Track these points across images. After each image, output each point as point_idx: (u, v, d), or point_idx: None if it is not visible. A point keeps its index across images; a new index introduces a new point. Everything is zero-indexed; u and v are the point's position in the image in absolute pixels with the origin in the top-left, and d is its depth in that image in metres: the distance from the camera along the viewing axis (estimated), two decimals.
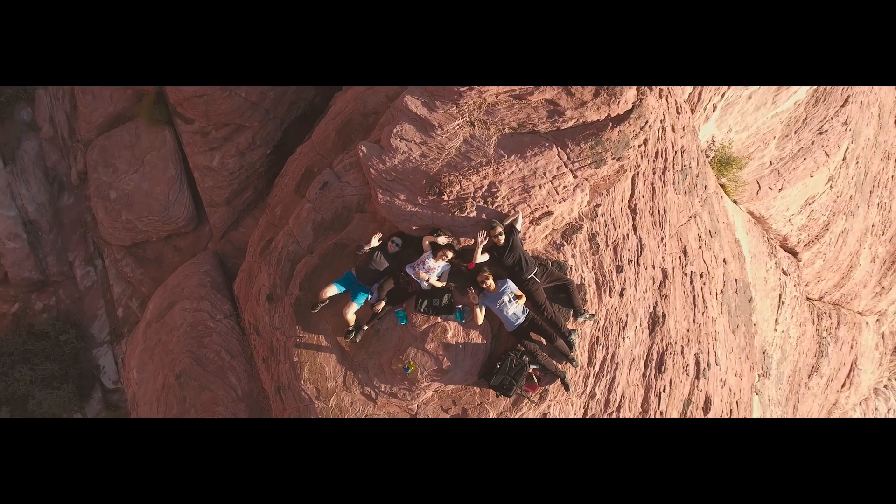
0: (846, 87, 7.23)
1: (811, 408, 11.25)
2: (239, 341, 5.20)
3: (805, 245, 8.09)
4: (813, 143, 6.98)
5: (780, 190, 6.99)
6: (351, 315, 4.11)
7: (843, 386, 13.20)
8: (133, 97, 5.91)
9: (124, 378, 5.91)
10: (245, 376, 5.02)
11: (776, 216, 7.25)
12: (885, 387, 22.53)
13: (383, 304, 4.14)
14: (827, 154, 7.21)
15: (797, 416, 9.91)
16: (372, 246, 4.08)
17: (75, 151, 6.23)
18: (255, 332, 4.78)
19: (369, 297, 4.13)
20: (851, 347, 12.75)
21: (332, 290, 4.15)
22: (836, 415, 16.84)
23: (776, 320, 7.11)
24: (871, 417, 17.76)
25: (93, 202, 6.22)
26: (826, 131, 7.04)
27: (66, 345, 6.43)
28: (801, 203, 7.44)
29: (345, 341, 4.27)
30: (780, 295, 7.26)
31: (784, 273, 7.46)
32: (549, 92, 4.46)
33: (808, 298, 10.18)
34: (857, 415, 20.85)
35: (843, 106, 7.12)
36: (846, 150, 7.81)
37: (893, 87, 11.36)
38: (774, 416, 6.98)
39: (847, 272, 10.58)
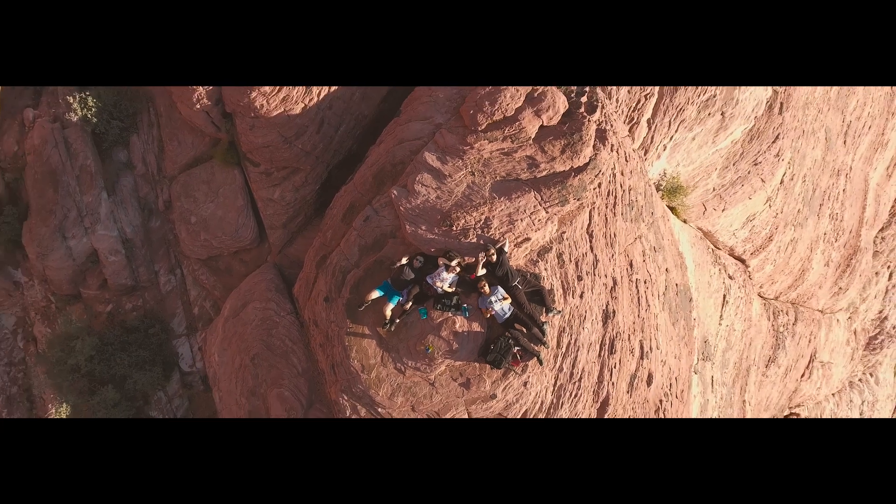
0: (778, 126, 8.79)
1: (770, 394, 12.90)
2: (298, 332, 6.88)
3: (751, 254, 9.69)
4: (749, 172, 8.58)
5: (723, 210, 8.60)
6: (388, 311, 5.77)
7: (802, 376, 14.82)
8: (210, 143, 7.60)
9: (206, 360, 7.60)
10: (304, 358, 6.69)
11: (721, 231, 8.87)
12: (860, 380, 24.29)
13: (410, 304, 5.80)
14: (763, 180, 8.81)
15: (755, 400, 11.49)
16: (402, 263, 5.74)
17: (162, 185, 7.94)
18: (314, 325, 6.46)
19: (400, 298, 5.79)
20: (810, 341, 14.33)
21: (374, 294, 5.81)
22: (799, 401, 18.73)
23: (721, 316, 8.72)
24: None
25: (176, 225, 7.92)
26: (760, 162, 8.63)
27: (153, 336, 8.13)
28: (743, 220, 9.05)
29: (382, 330, 5.93)
30: (725, 295, 8.85)
31: (730, 277, 9.07)
32: (529, 149, 6.12)
33: (763, 298, 11.77)
34: (830, 406, 22.67)
35: (773, 142, 8.71)
36: (783, 175, 9.40)
37: (840, 112, 12.93)
38: (719, 395, 8.55)
39: (800, 275, 12.14)
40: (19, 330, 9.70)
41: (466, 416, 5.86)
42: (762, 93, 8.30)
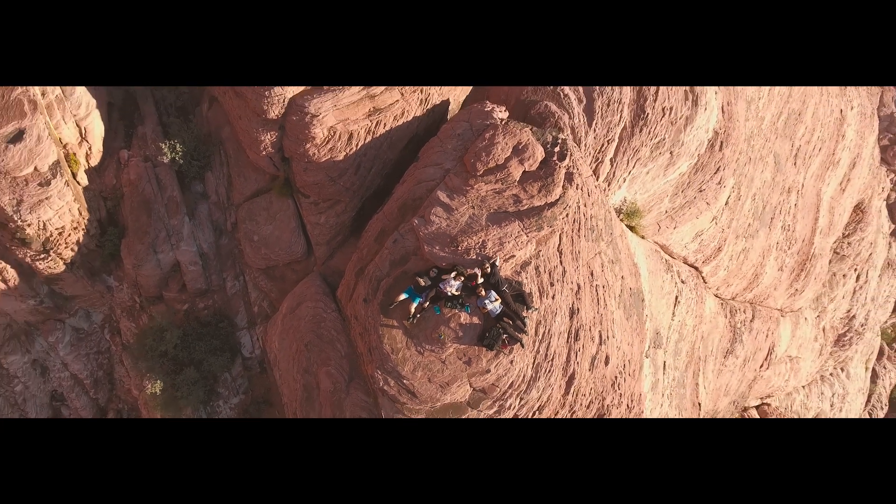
0: (719, 160, 10.80)
1: (730, 381, 14.93)
2: (341, 325, 9.01)
3: (703, 262, 11.76)
4: (695, 197, 10.64)
5: (675, 228, 10.65)
6: (411, 309, 7.90)
7: (761, 367, 16.89)
8: (269, 179, 9.75)
9: (267, 347, 9.77)
10: (346, 344, 8.83)
11: (675, 244, 10.94)
12: (831, 374, 26.50)
13: (428, 303, 7.92)
14: (708, 203, 10.85)
15: (713, 386, 13.46)
16: (427, 274, 7.86)
17: (230, 211, 10.11)
18: (355, 319, 8.61)
19: (420, 300, 7.92)
20: (767, 336, 16.37)
21: (401, 297, 7.94)
22: (769, 391, 20.88)
23: (673, 314, 10.78)
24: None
25: (241, 242, 10.08)
26: (704, 189, 10.68)
27: (222, 329, 10.29)
28: (693, 235, 11.11)
29: (407, 323, 8.05)
30: (677, 297, 10.90)
31: (682, 282, 11.13)
32: (514, 189, 8.23)
33: (720, 298, 13.80)
34: (800, 398, 24.90)
35: (716, 173, 10.75)
36: (728, 198, 11.44)
37: (788, 138, 14.92)
38: (670, 378, 10.59)
39: (754, 279, 14.20)
40: (106, 325, 11.89)
41: (469, 387, 7.98)
42: (703, 134, 10.36)
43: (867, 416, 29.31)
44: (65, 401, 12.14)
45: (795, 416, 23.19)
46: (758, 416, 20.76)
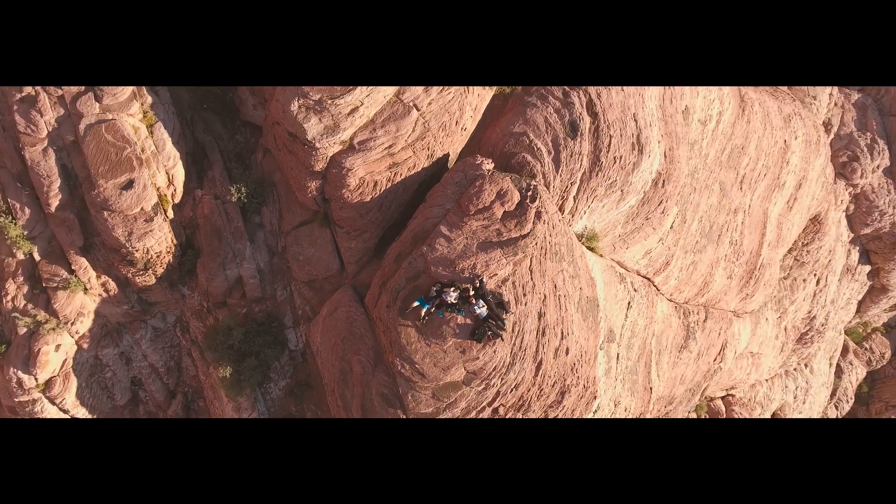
0: (662, 195, 13.61)
1: (685, 372, 17.76)
2: (368, 325, 11.94)
3: (654, 274, 14.60)
4: (643, 224, 13.47)
5: (627, 248, 13.50)
6: (422, 313, 10.83)
7: (714, 360, 19.69)
8: (311, 213, 12.69)
9: (310, 341, 12.71)
10: (372, 339, 11.76)
11: (628, 261, 13.78)
12: (795, 369, 29.55)
13: (434, 309, 10.85)
14: (654, 229, 13.69)
15: (667, 375, 16.18)
16: (433, 287, 10.79)
17: (281, 237, 13.08)
18: (379, 320, 11.55)
19: (429, 306, 10.84)
20: (720, 334, 19.19)
21: (415, 304, 10.87)
22: (731, 384, 23.77)
23: (626, 316, 13.62)
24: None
25: (289, 261, 13.04)
26: (650, 218, 13.51)
27: (273, 328, 13.27)
28: (643, 253, 13.94)
29: (418, 323, 10.97)
30: (630, 302, 13.73)
31: (635, 290, 13.97)
32: (497, 225, 11.13)
33: (674, 302, 16.62)
34: (764, 390, 27.84)
35: (659, 204, 13.58)
36: (672, 223, 14.27)
37: (733, 168, 17.66)
38: (623, 366, 13.40)
39: (703, 287, 17.03)
40: (177, 324, 14.85)
41: (463, 370, 10.88)
42: (648, 175, 13.19)
43: (833, 409, 31.98)
44: (142, 385, 15.13)
45: (759, 406, 25.99)
46: (723, 406, 23.61)
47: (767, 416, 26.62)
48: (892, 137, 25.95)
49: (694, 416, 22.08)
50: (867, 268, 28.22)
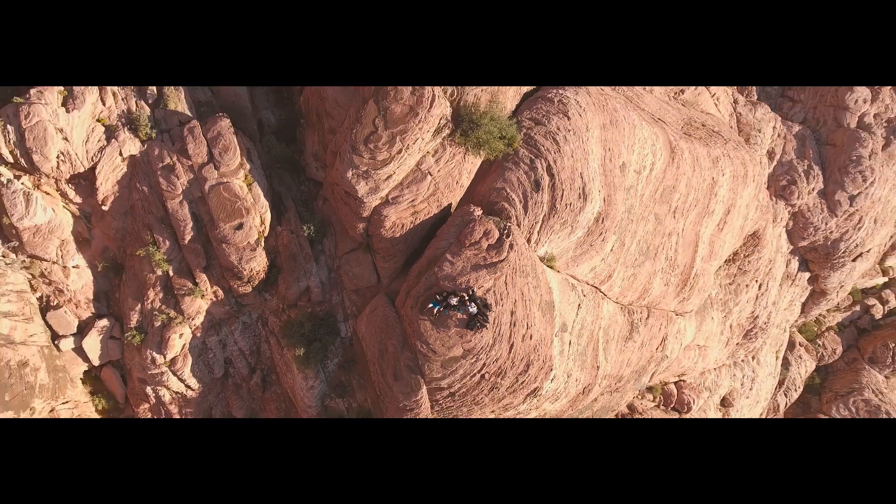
0: (602, 229, 19.25)
1: (630, 357, 23.32)
2: (398, 319, 17.73)
3: (599, 283, 20.21)
4: (588, 249, 19.07)
5: (577, 266, 19.12)
6: (435, 311, 16.59)
7: (656, 349, 25.18)
8: (358, 243, 18.53)
9: (357, 331, 18.55)
10: (400, 329, 17.54)
11: (578, 274, 19.41)
12: (743, 360, 35.35)
13: (442, 308, 16.61)
14: (597, 252, 19.29)
15: (616, 359, 21.71)
16: (441, 294, 16.59)
17: (336, 260, 18.93)
18: (406, 316, 17.36)
19: (439, 307, 16.60)
20: (661, 328, 24.66)
21: (429, 305, 16.63)
22: (681, 371, 29.48)
23: (576, 314, 19.24)
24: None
25: (342, 276, 18.89)
26: (594, 245, 19.11)
27: (330, 321, 19.11)
28: (589, 269, 19.54)
29: (431, 318, 16.73)
30: (579, 304, 19.32)
31: (584, 295, 19.60)
32: (483, 253, 16.88)
33: (620, 303, 22.17)
34: (712, 377, 33.69)
35: (600, 235, 19.18)
36: (611, 247, 19.87)
37: (665, 203, 23.11)
38: (574, 350, 18.98)
39: (643, 292, 22.57)
40: (259, 320, 20.71)
41: (461, 348, 16.63)
42: (591, 215, 18.79)
43: (783, 396, 37.10)
44: (232, 363, 21.00)
45: (707, 390, 31.30)
46: (675, 389, 29.02)
47: (716, 399, 31.89)
48: (825, 164, 30.66)
49: (645, 394, 27.56)
50: (807, 274, 33.15)
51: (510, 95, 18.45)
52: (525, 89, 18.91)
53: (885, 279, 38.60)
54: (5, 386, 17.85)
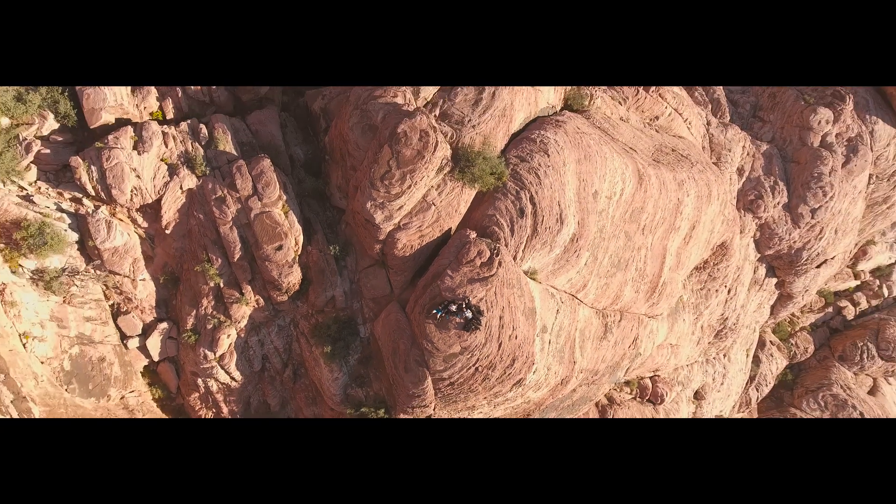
0: (576, 247, 23.08)
1: (605, 354, 27.21)
2: (408, 323, 21.70)
3: (576, 292, 24.10)
4: (565, 264, 22.93)
5: (556, 278, 22.97)
6: (438, 316, 20.56)
7: (629, 347, 29.07)
8: (375, 260, 22.53)
9: (374, 332, 22.57)
10: (410, 331, 21.51)
11: (557, 284, 23.27)
12: (714, 358, 39.43)
13: (444, 314, 20.58)
14: (572, 266, 23.13)
15: (591, 356, 25.66)
16: (443, 303, 20.59)
17: (356, 273, 22.93)
18: (414, 320, 21.36)
19: (442, 312, 20.56)
20: (633, 329, 28.56)
21: (433, 311, 20.59)
22: (655, 367, 33.56)
23: (555, 318, 23.14)
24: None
25: (361, 287, 22.91)
26: (569, 260, 22.95)
27: (352, 324, 23.06)
28: (566, 280, 23.40)
29: (435, 322, 20.71)
30: (558, 310, 23.15)
31: (562, 302, 23.47)
32: (477, 269, 20.86)
33: (595, 308, 26.08)
34: (685, 373, 37.62)
35: (575, 252, 23.04)
36: (585, 261, 23.74)
37: (635, 222, 27.07)
38: (554, 347, 22.82)
39: (615, 299, 26.45)
40: (291, 322, 24.75)
41: (459, 346, 20.61)
42: (566, 236, 22.65)
43: (755, 391, 40.75)
44: (269, 359, 25.06)
45: (680, 384, 35.11)
46: (650, 383, 32.76)
47: (689, 392, 35.65)
48: (790, 180, 34.05)
49: (623, 387, 31.41)
50: (774, 280, 36.79)
51: (500, 136, 22.45)
52: (513, 131, 22.93)
53: (858, 282, 42.21)
54: (89, 377, 22.17)
